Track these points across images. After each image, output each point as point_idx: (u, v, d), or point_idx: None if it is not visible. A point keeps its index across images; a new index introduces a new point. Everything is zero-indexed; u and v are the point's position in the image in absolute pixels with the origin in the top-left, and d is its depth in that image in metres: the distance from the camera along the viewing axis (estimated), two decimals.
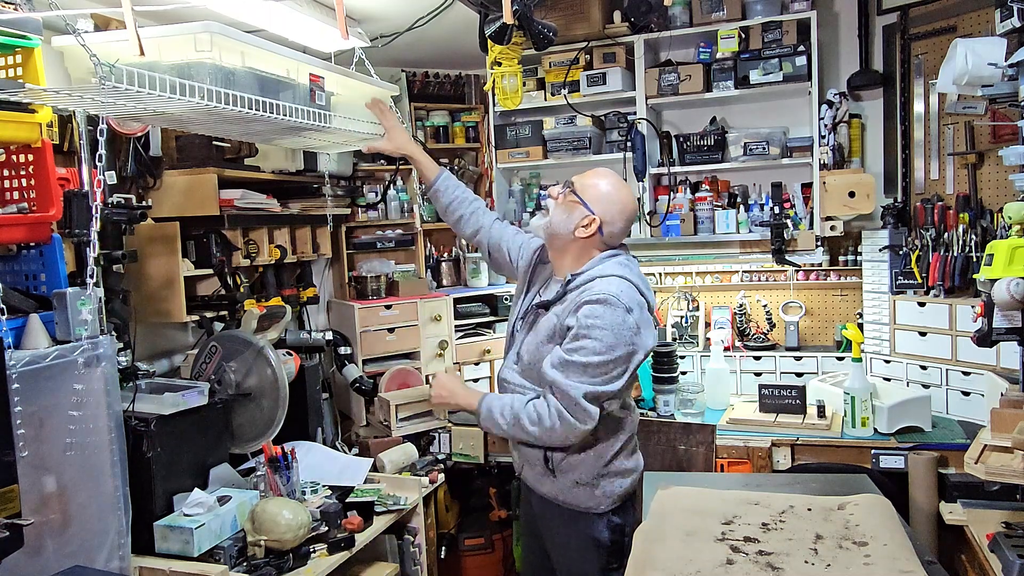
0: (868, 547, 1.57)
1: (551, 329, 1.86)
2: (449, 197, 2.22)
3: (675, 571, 1.53)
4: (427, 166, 2.23)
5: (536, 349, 1.90)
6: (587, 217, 1.87)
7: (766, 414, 2.96)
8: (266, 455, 2.43)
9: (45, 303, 1.86)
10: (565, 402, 1.79)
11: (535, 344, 1.90)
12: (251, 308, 2.70)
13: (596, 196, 1.89)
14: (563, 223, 1.89)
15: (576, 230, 1.88)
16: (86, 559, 1.82)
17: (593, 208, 1.87)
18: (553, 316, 1.87)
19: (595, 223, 1.87)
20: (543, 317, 1.90)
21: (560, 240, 1.92)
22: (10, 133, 1.72)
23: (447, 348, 3.52)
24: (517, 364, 1.96)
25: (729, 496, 1.88)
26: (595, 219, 1.87)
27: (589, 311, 1.77)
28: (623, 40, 3.32)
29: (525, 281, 2.06)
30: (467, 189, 2.26)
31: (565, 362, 1.78)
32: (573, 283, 1.85)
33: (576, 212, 1.88)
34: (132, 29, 1.46)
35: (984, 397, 2.75)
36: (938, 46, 3.03)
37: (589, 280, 1.83)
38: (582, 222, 1.87)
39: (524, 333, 1.95)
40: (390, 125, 2.20)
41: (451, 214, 2.24)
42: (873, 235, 3.20)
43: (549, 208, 1.93)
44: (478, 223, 2.22)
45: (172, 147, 2.67)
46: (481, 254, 2.27)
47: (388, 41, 3.07)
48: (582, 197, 1.88)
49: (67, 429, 1.80)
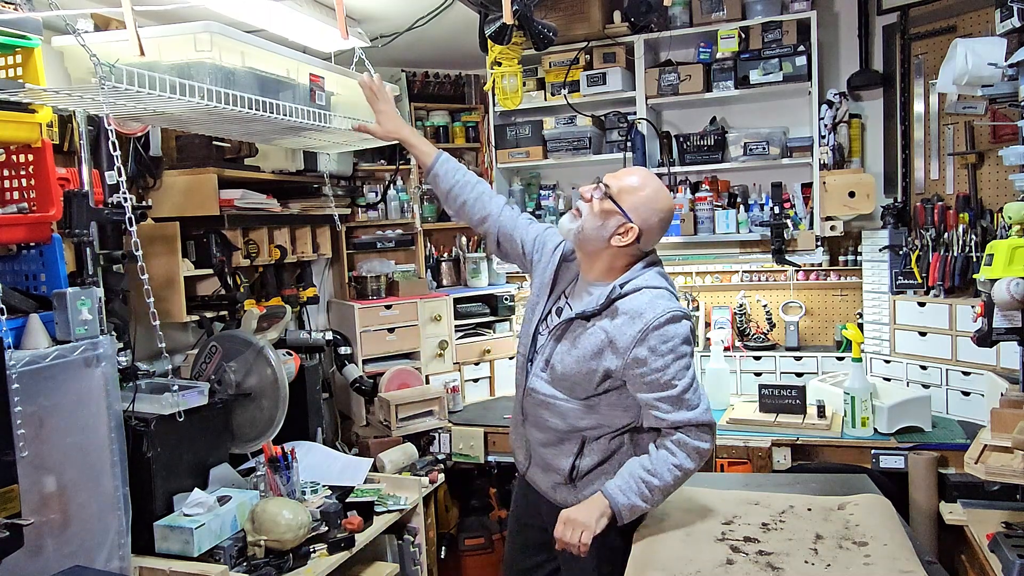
0: (868, 547, 1.57)
1: (598, 345, 1.70)
2: (449, 182, 2.00)
3: (675, 571, 1.53)
4: (423, 150, 2.03)
5: (576, 364, 1.74)
6: (624, 225, 1.70)
7: (766, 414, 2.96)
8: (266, 455, 2.43)
9: (45, 303, 1.86)
10: (698, 432, 1.67)
11: (575, 358, 1.74)
12: (251, 308, 2.70)
13: (635, 203, 1.70)
14: (597, 230, 1.72)
15: (612, 239, 1.71)
16: (86, 559, 1.82)
17: (632, 216, 1.69)
18: (600, 331, 1.71)
19: (633, 232, 1.70)
20: (586, 330, 1.73)
21: (592, 246, 1.76)
22: (10, 133, 1.72)
23: (447, 348, 3.52)
24: (546, 372, 1.80)
25: (729, 496, 1.88)
26: (633, 228, 1.70)
27: (662, 336, 1.64)
28: (623, 40, 3.32)
29: (547, 279, 1.89)
30: (469, 172, 2.05)
31: (675, 398, 1.65)
32: (619, 294, 1.70)
33: (612, 220, 1.71)
34: (132, 29, 1.46)
35: (984, 397, 2.75)
36: (938, 46, 3.03)
37: (636, 290, 1.70)
38: (618, 230, 1.71)
39: (554, 341, 1.79)
40: (380, 109, 2.02)
41: (453, 200, 2.02)
42: (873, 235, 3.20)
43: (581, 211, 1.75)
44: (485, 209, 2.00)
45: (172, 147, 2.67)
46: (487, 243, 2.07)
47: (388, 41, 3.07)
48: (619, 203, 1.70)
49: (67, 429, 1.80)
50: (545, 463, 1.86)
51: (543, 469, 1.88)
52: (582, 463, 1.80)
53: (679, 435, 1.67)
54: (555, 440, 1.82)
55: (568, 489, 1.84)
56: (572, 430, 1.79)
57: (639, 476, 1.67)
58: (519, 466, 2.00)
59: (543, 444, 1.85)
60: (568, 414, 1.78)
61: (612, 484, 1.69)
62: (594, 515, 1.66)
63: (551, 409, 1.81)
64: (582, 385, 1.75)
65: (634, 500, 1.66)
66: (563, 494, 1.84)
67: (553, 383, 1.79)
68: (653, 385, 1.66)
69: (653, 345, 1.64)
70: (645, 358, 1.65)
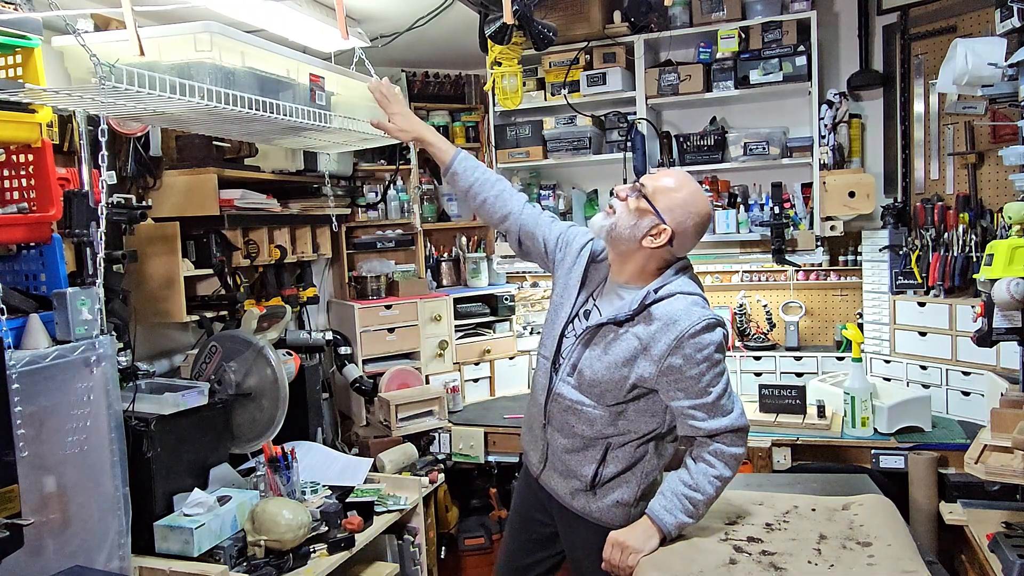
0: (872, 547, 1.57)
1: (631, 352, 1.68)
2: (469, 180, 1.96)
3: (677, 570, 1.53)
4: (441, 147, 1.98)
5: (607, 371, 1.70)
6: (658, 227, 1.67)
7: (766, 414, 2.96)
8: (266, 455, 2.43)
9: (45, 303, 1.86)
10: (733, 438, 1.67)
11: (606, 365, 1.71)
12: (251, 308, 2.70)
13: (670, 204, 1.68)
14: (629, 229, 1.69)
15: (644, 239, 1.69)
16: (86, 559, 1.82)
17: (665, 217, 1.67)
18: (633, 338, 1.68)
19: (666, 234, 1.67)
20: (617, 336, 1.70)
21: (623, 245, 1.73)
22: (10, 133, 1.72)
23: (447, 348, 3.52)
24: (573, 377, 1.76)
25: (733, 496, 1.88)
26: (666, 230, 1.67)
27: (697, 344, 1.62)
28: (623, 40, 3.32)
29: (575, 280, 1.84)
30: (488, 169, 2.00)
31: (710, 405, 1.64)
32: (653, 299, 1.67)
33: (645, 220, 1.68)
34: (132, 29, 1.46)
35: (984, 397, 2.76)
36: (938, 46, 3.03)
37: (670, 295, 1.67)
38: (651, 231, 1.68)
39: (583, 346, 1.75)
40: (393, 111, 1.99)
41: (473, 198, 1.98)
42: (873, 235, 3.20)
43: (616, 209, 1.72)
44: (506, 207, 1.96)
45: (172, 147, 2.67)
46: (509, 241, 2.03)
47: (388, 41, 3.07)
48: (654, 203, 1.68)
49: (67, 429, 1.80)
50: (567, 468, 1.83)
51: (562, 475, 1.84)
52: (605, 470, 1.77)
53: (716, 445, 1.66)
54: (580, 446, 1.79)
55: (587, 496, 1.81)
56: (598, 436, 1.77)
57: (681, 493, 1.66)
58: (532, 467, 1.95)
59: (567, 450, 1.81)
60: (596, 421, 1.75)
61: (656, 505, 1.68)
62: (643, 538, 1.67)
63: (578, 415, 1.77)
64: (612, 392, 1.72)
65: (681, 518, 1.66)
66: (581, 501, 1.82)
67: (581, 389, 1.76)
68: (688, 393, 1.65)
69: (688, 353, 1.62)
70: (680, 366, 1.63)
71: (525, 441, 1.98)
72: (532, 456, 1.93)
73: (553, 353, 1.82)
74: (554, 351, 1.82)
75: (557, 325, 1.83)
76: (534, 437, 1.92)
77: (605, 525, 1.78)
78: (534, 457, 1.92)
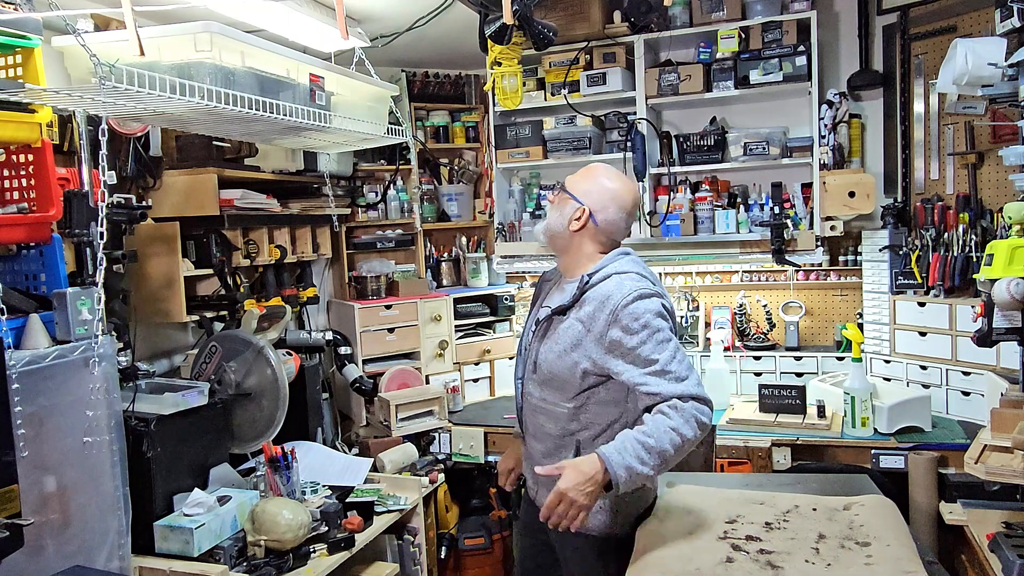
0: (871, 547, 1.57)
1: (576, 337, 1.77)
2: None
3: (675, 569, 1.53)
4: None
5: (558, 358, 1.79)
6: (577, 209, 1.84)
7: (766, 414, 2.96)
8: (266, 455, 2.43)
9: (45, 303, 1.86)
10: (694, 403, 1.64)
11: (556, 354, 1.80)
12: (251, 308, 2.70)
13: (584, 188, 1.87)
14: (558, 220, 1.88)
15: (570, 224, 1.85)
16: (86, 559, 1.82)
17: (582, 200, 1.84)
18: (576, 323, 1.77)
19: (584, 213, 1.83)
20: (562, 324, 1.81)
21: (560, 239, 1.89)
22: (10, 133, 1.72)
23: (447, 348, 3.52)
24: (536, 374, 1.87)
25: (734, 495, 1.88)
26: (584, 209, 1.83)
27: (631, 313, 1.68)
28: (623, 40, 3.32)
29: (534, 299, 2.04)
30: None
31: (660, 372, 1.66)
32: (589, 283, 1.78)
33: (568, 207, 1.86)
34: (132, 29, 1.46)
35: (984, 397, 2.75)
36: (938, 46, 3.03)
37: (606, 277, 1.77)
38: (574, 215, 1.85)
39: (538, 342, 1.87)
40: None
41: None
42: (873, 235, 3.20)
43: (547, 210, 1.94)
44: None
45: (172, 147, 2.67)
46: None
47: (388, 41, 3.07)
48: (571, 191, 1.87)
49: (67, 429, 1.80)
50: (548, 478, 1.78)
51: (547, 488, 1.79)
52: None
53: (674, 401, 1.64)
54: (552, 448, 1.85)
55: None
56: (565, 434, 1.82)
57: (634, 437, 1.62)
58: (529, 489, 2.02)
59: (544, 455, 1.87)
60: (560, 417, 1.82)
61: (609, 447, 1.63)
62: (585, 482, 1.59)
63: (546, 414, 1.85)
64: (569, 382, 1.78)
65: (630, 461, 1.59)
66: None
67: (542, 385, 1.85)
68: (636, 362, 1.68)
69: (625, 324, 1.69)
70: (620, 338, 1.69)
71: (524, 468, 2.04)
72: (529, 479, 2.01)
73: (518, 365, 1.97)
74: (520, 363, 1.97)
75: (521, 339, 1.99)
76: (526, 458, 1.99)
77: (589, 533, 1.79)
78: (531, 479, 2.00)
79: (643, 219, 3.38)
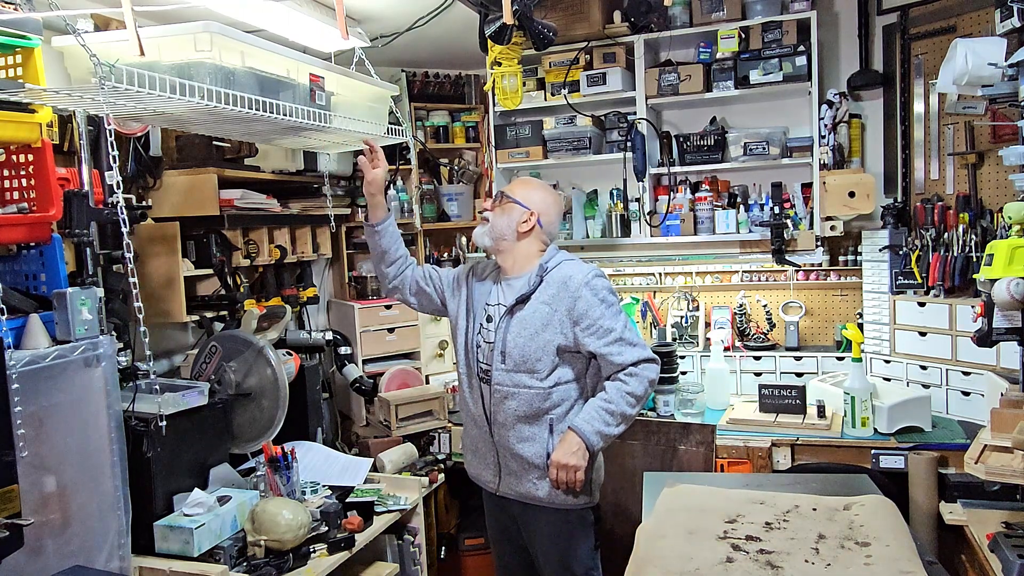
0: (870, 547, 1.57)
1: (545, 317, 2.03)
2: (390, 240, 2.31)
3: (674, 568, 1.53)
4: (382, 207, 2.32)
5: (530, 340, 2.03)
6: (524, 213, 2.11)
7: (766, 414, 2.96)
8: (266, 455, 2.43)
9: (45, 303, 1.86)
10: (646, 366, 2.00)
11: (527, 337, 2.03)
12: (251, 308, 2.70)
13: (528, 196, 2.13)
14: (505, 224, 2.11)
15: (518, 227, 2.11)
16: (86, 559, 1.82)
17: (528, 205, 2.11)
18: (542, 306, 2.04)
19: (533, 216, 2.11)
20: (524, 311, 2.05)
21: (506, 242, 2.12)
22: (10, 133, 1.72)
23: (447, 348, 3.52)
24: (505, 363, 2.06)
25: (734, 495, 1.88)
26: (532, 213, 2.11)
27: (592, 288, 2.00)
28: (623, 40, 3.32)
29: (464, 299, 2.20)
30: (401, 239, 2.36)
31: (619, 340, 1.99)
32: (548, 271, 2.06)
33: (514, 212, 2.11)
34: (132, 29, 1.46)
35: (984, 397, 2.75)
36: (938, 46, 3.03)
37: (557, 264, 2.08)
38: (521, 219, 2.10)
39: (503, 333, 2.07)
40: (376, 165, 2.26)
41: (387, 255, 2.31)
42: (873, 235, 3.19)
43: (489, 218, 2.14)
44: (406, 262, 2.34)
45: (172, 147, 2.67)
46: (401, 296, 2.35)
47: (388, 41, 3.07)
48: (515, 197, 2.12)
49: (67, 429, 1.80)
50: (523, 462, 2.07)
51: (517, 475, 2.11)
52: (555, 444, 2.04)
53: (630, 368, 1.99)
54: (527, 435, 2.06)
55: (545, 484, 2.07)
56: (539, 413, 2.05)
57: (597, 406, 2.01)
58: (487, 486, 2.21)
59: (519, 440, 2.07)
60: (533, 399, 2.04)
61: (577, 419, 2.01)
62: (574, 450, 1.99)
63: (517, 398, 2.05)
64: (543, 360, 2.03)
65: (598, 426, 1.99)
66: (545, 489, 2.07)
67: (515, 370, 2.05)
68: (599, 334, 2.00)
69: (588, 298, 2.00)
70: (587, 311, 2.00)
71: (473, 467, 2.25)
72: (485, 475, 2.19)
73: (473, 366, 2.14)
74: (474, 363, 2.14)
75: (465, 342, 2.16)
76: (481, 457, 2.19)
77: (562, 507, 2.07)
78: (488, 475, 2.18)
79: (643, 219, 3.38)
